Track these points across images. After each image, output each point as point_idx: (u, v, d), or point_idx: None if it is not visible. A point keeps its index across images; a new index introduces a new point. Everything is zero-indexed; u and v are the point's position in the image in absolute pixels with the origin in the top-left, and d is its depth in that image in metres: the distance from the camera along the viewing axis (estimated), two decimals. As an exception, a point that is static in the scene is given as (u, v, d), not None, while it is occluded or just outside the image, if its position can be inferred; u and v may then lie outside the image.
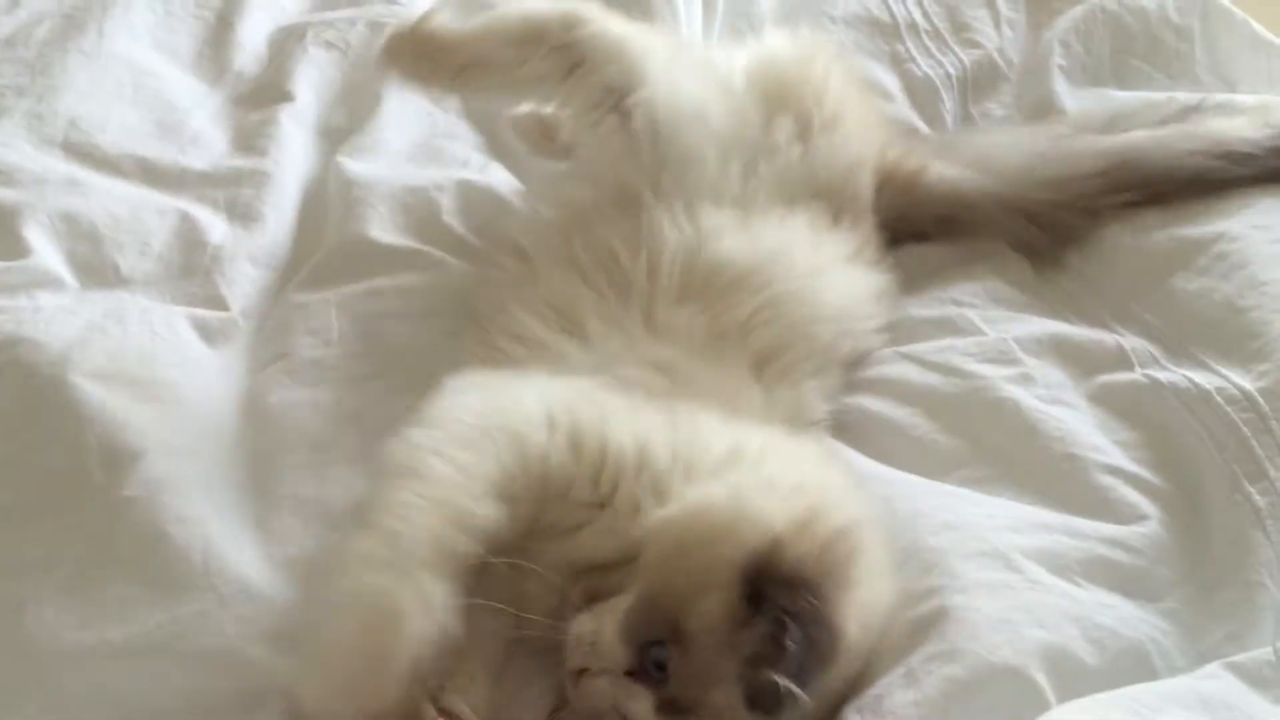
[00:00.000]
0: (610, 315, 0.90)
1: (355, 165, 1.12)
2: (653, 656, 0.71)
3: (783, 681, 0.67)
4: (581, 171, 1.01)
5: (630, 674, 0.72)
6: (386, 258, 1.03)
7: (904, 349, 0.97)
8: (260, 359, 0.97)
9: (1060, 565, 0.77)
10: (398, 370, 0.94)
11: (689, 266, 0.91)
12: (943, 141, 1.13)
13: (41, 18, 1.21)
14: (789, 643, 0.68)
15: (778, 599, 0.69)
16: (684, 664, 0.71)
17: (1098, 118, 1.11)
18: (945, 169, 1.06)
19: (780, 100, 1.00)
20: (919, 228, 1.06)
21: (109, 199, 1.05)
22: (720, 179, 0.95)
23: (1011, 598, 0.73)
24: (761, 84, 1.01)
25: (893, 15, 1.28)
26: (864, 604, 0.73)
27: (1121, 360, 0.93)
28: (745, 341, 0.89)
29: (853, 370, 0.95)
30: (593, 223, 0.96)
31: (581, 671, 0.73)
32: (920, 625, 0.73)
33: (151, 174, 1.09)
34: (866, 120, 1.06)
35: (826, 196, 0.99)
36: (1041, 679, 0.68)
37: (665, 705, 0.71)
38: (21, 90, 1.12)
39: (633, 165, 0.96)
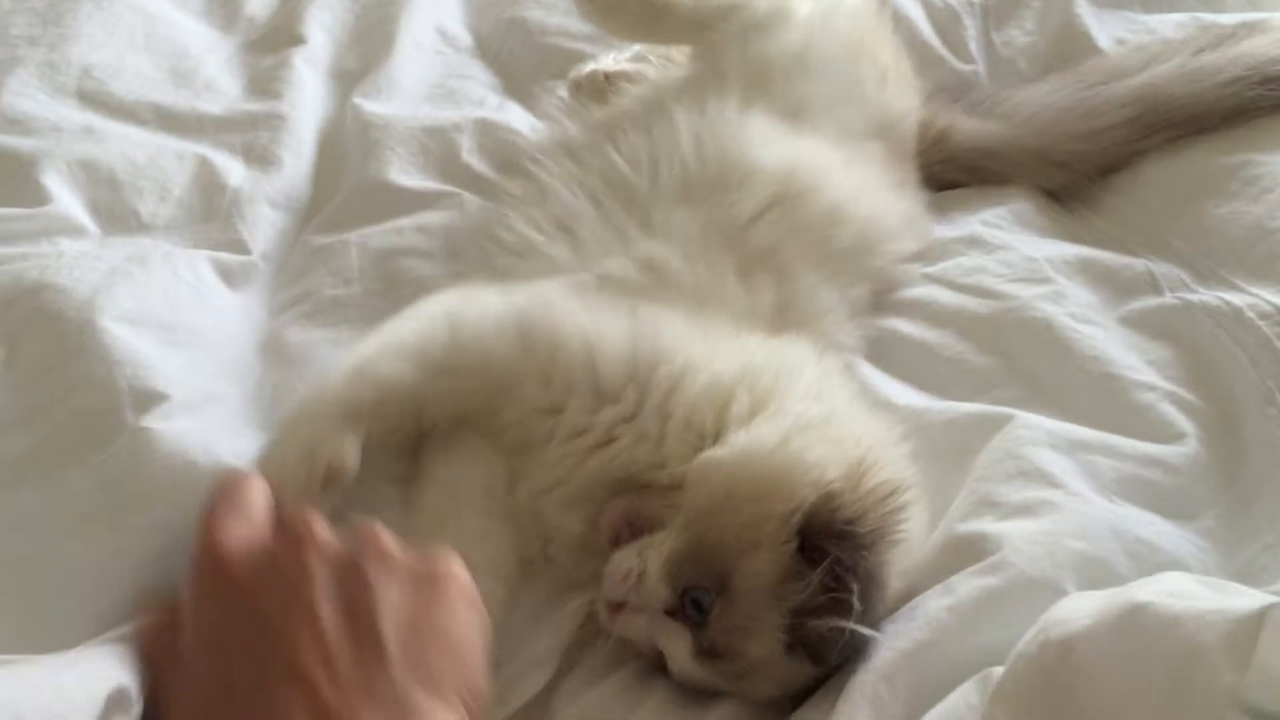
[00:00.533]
0: (607, 220, 0.90)
1: (372, 106, 1.11)
2: (694, 598, 0.71)
3: (849, 626, 0.67)
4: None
5: (669, 613, 0.72)
6: (407, 198, 1.02)
7: (932, 270, 0.96)
8: (280, 301, 0.97)
9: (1099, 485, 0.76)
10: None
11: (703, 166, 0.91)
12: (968, 102, 1.12)
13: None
14: (848, 595, 0.68)
15: (833, 552, 0.69)
16: (727, 612, 0.71)
17: (1133, 61, 1.08)
18: (973, 126, 1.07)
19: (862, 49, 1.02)
20: (949, 183, 1.06)
21: (126, 145, 1.04)
22: (799, 95, 0.97)
23: (1053, 513, 0.73)
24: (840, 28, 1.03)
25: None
26: (904, 554, 0.73)
27: (1151, 285, 0.92)
28: (746, 237, 0.88)
29: (882, 295, 0.94)
30: (606, 140, 0.96)
31: (619, 605, 0.73)
32: (961, 547, 0.73)
33: (168, 120, 1.08)
34: (910, 72, 1.09)
35: (880, 137, 1.00)
36: (1074, 591, 0.68)
37: (703, 648, 0.71)
38: (34, 40, 1.11)
39: (733, 59, 0.98)
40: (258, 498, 0.65)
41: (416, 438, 0.83)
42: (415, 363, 0.80)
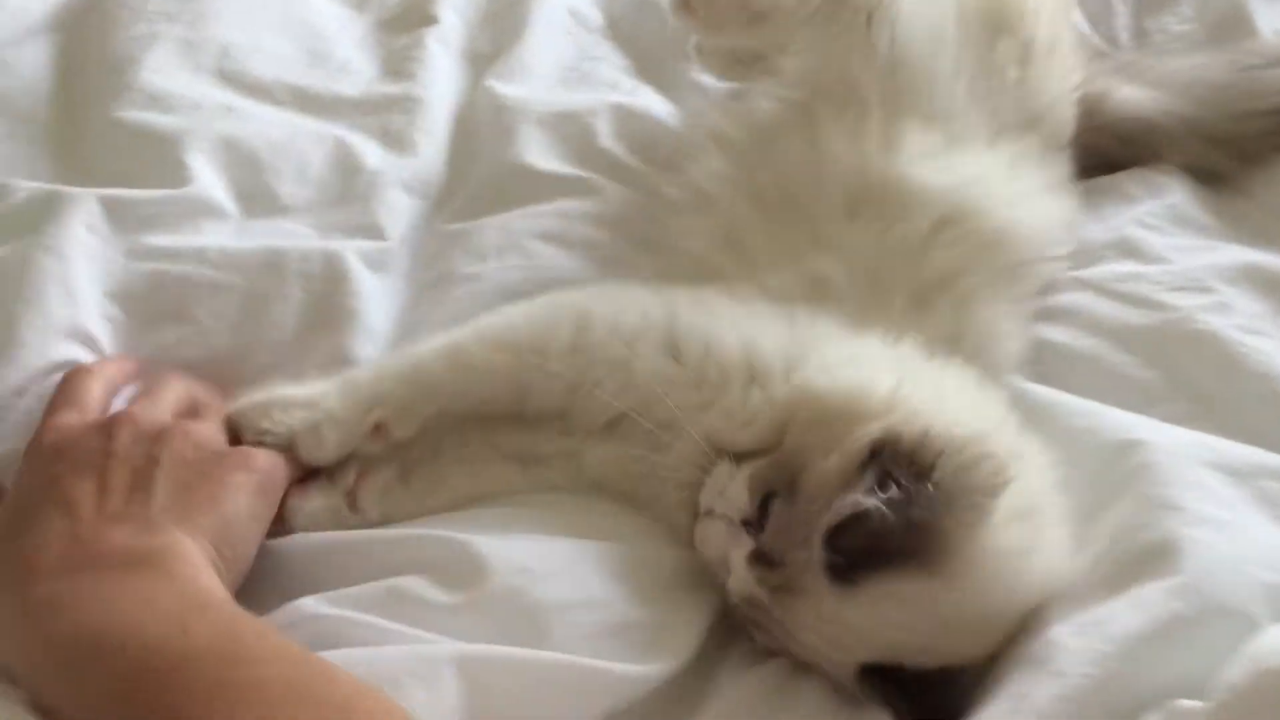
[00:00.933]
0: (776, 232, 0.88)
1: (506, 89, 1.09)
2: (763, 502, 0.72)
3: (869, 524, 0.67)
4: (773, 86, 0.98)
5: (746, 523, 0.72)
6: (545, 183, 1.01)
7: (1083, 275, 0.92)
8: (418, 284, 0.96)
9: (1276, 513, 0.72)
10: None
11: (866, 181, 0.87)
12: (1122, 62, 1.07)
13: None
14: (876, 502, 0.67)
15: (891, 466, 0.68)
16: (784, 515, 0.71)
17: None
18: (1130, 91, 1.01)
19: (1002, 21, 0.96)
20: (1099, 152, 1.00)
21: (265, 125, 1.03)
22: (942, 97, 0.91)
23: (1237, 535, 0.70)
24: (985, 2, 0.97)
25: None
26: (1001, 550, 0.69)
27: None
28: (921, 261, 0.85)
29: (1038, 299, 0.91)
30: (766, 143, 0.93)
31: (707, 513, 0.74)
32: (1144, 556, 0.70)
33: (304, 100, 1.07)
34: (1074, 44, 1.02)
35: (1034, 128, 0.95)
36: (1267, 624, 0.64)
37: (757, 555, 0.71)
38: (171, 17, 1.10)
39: (858, 65, 0.92)
40: (94, 389, 0.78)
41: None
42: (517, 355, 0.80)
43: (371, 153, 1.03)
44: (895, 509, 0.67)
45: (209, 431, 0.77)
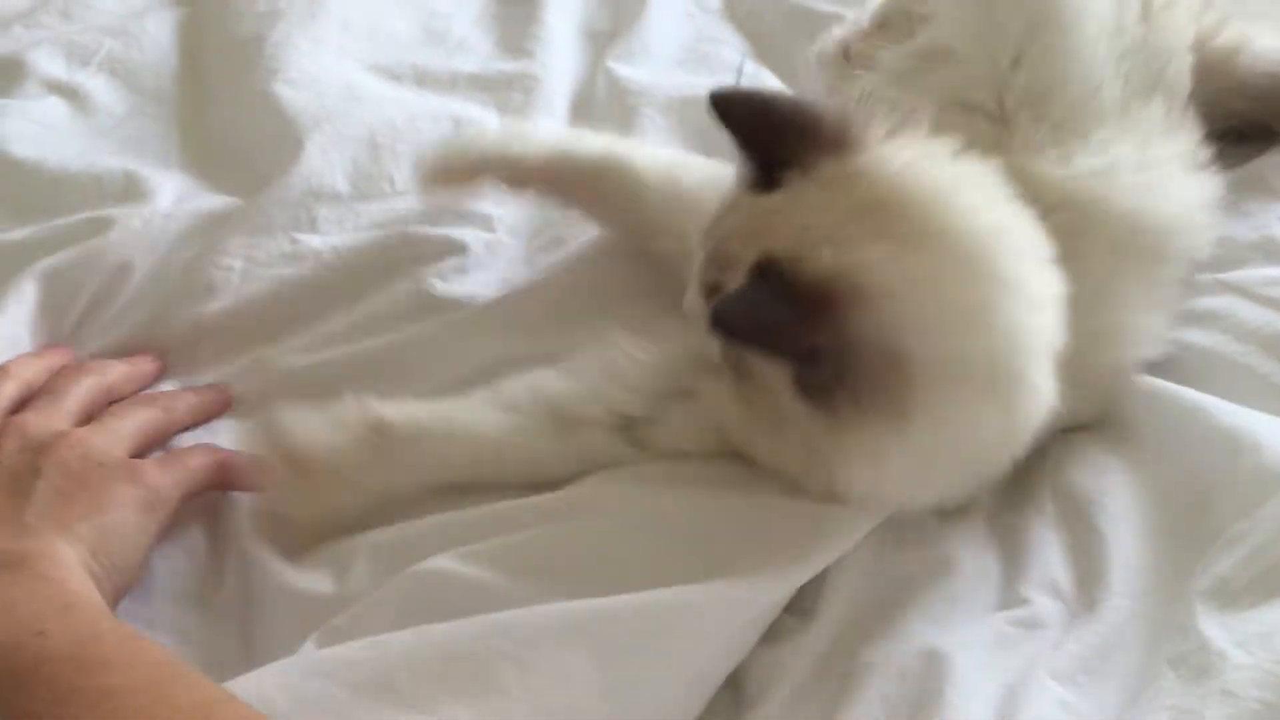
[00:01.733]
0: None
1: (626, 71, 1.08)
2: None
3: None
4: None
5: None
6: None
7: (1226, 277, 0.86)
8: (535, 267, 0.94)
9: None
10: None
11: None
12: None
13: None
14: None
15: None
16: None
17: None
18: (1271, 42, 0.92)
19: None
20: (1230, 115, 0.91)
21: (385, 105, 1.03)
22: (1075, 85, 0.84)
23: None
24: None
25: None
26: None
27: None
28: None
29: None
30: None
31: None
32: None
33: (424, 79, 1.07)
34: None
35: (1158, 89, 0.86)
36: None
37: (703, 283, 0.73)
38: (292, -3, 1.12)
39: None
40: (6, 389, 0.79)
41: None
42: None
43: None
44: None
45: (102, 441, 0.76)
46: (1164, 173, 0.84)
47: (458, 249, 0.91)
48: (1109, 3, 0.86)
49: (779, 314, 0.65)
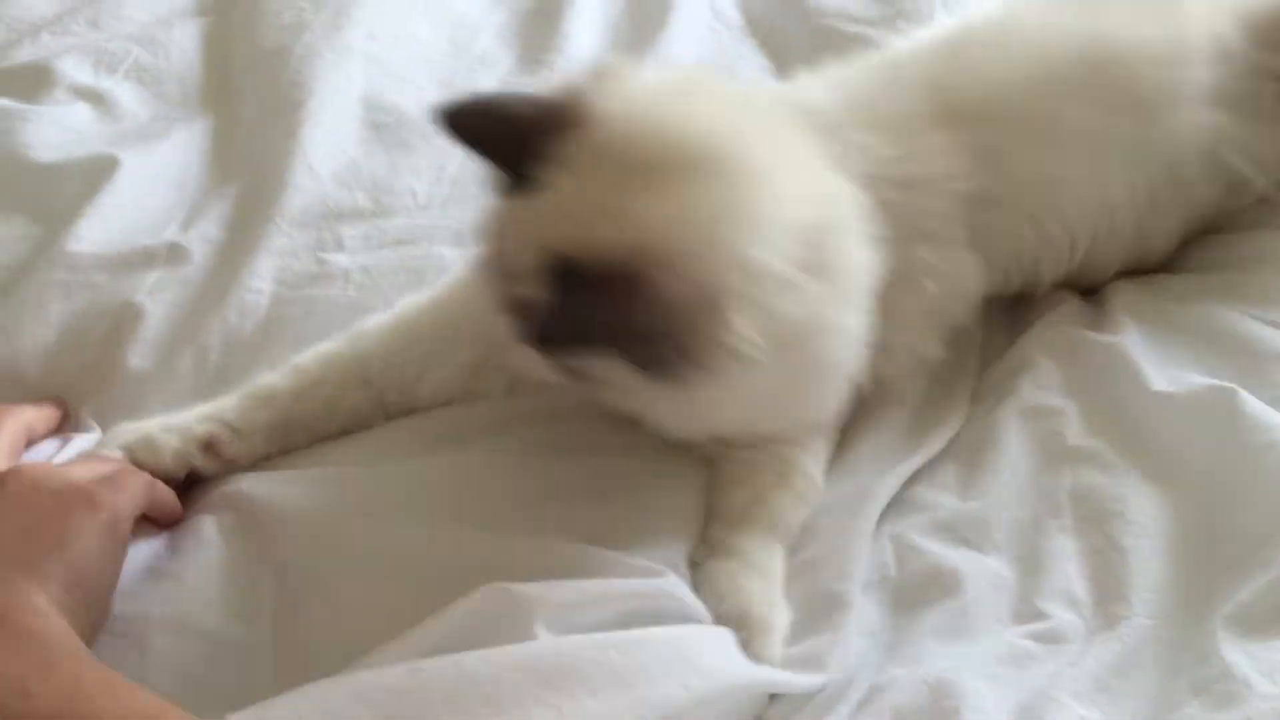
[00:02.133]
0: None
1: (650, 84, 1.08)
2: None
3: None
4: None
5: None
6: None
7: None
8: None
9: None
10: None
11: None
12: None
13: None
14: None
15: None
16: None
17: None
18: None
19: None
20: None
21: (406, 117, 1.04)
22: None
23: None
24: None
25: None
26: None
27: None
28: None
29: None
30: None
31: None
32: None
33: (445, 90, 1.07)
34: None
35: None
36: None
37: None
38: (319, 4, 1.12)
39: None
40: None
41: None
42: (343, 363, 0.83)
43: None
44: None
45: (45, 470, 0.73)
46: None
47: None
48: None
49: (596, 312, 0.66)
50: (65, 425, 0.84)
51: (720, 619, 0.71)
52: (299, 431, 0.80)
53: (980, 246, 0.85)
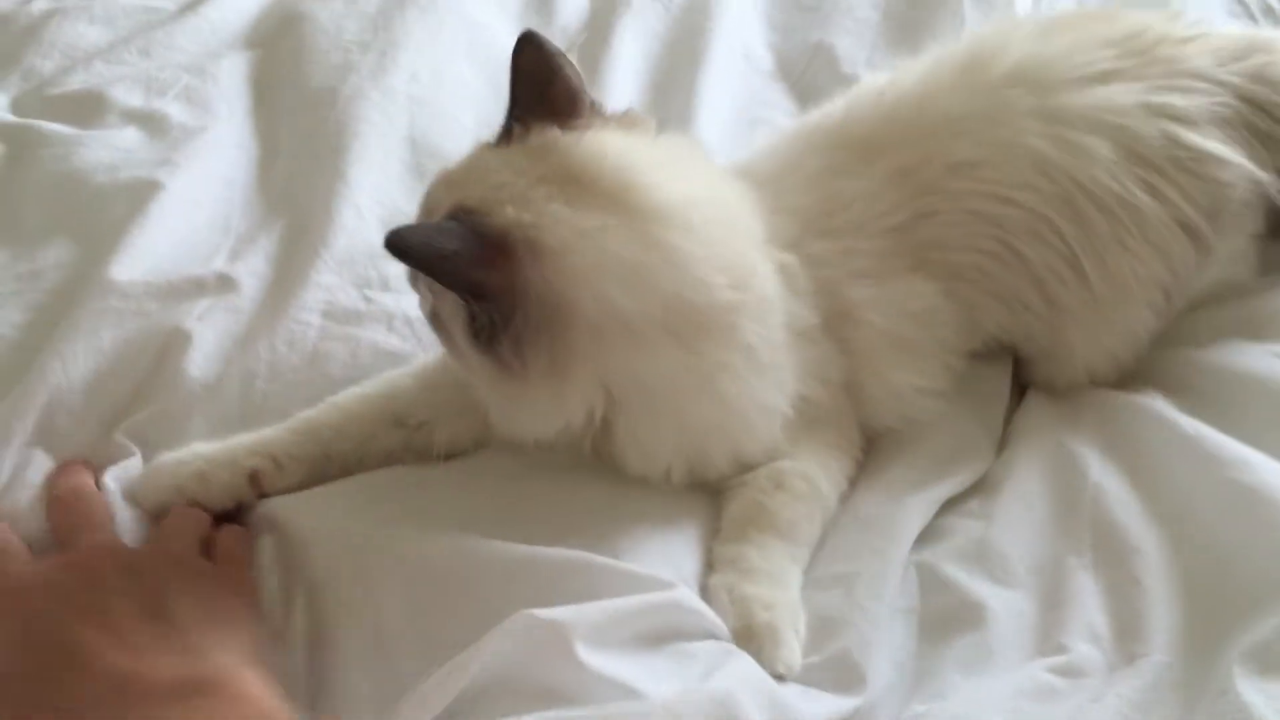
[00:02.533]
0: None
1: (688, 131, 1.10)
2: None
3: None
4: None
5: None
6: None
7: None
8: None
9: None
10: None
11: None
12: None
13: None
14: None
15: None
16: None
17: None
18: None
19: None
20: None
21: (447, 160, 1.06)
22: None
23: None
24: None
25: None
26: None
27: None
28: None
29: None
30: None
31: None
32: None
33: (486, 130, 1.10)
34: None
35: None
36: None
37: None
38: (366, 46, 1.15)
39: None
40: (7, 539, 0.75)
41: None
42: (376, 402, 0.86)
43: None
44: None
45: (179, 549, 0.75)
46: None
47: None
48: None
49: (452, 246, 0.72)
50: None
51: (733, 637, 0.73)
52: (335, 467, 0.84)
53: (933, 270, 0.86)
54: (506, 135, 0.80)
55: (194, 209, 1.02)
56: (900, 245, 0.86)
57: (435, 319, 0.80)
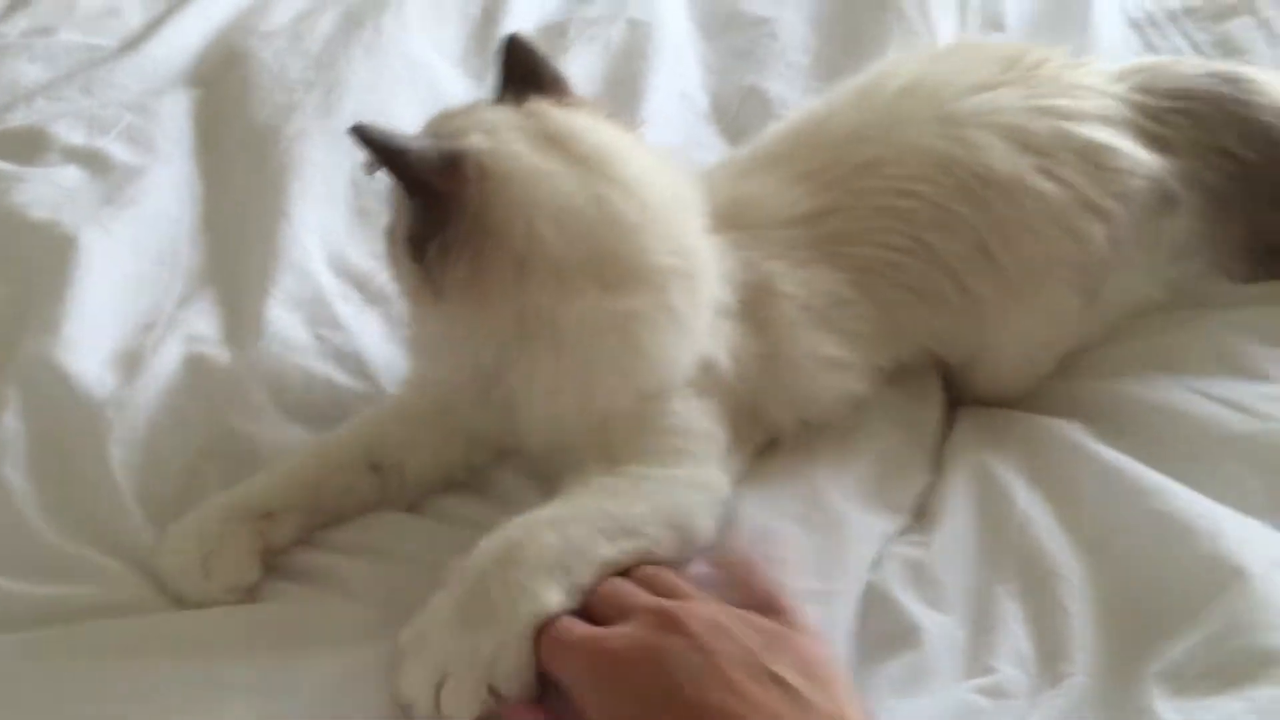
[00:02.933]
0: None
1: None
2: None
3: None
4: None
5: None
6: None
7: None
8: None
9: None
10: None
11: None
12: None
13: (323, 7, 1.26)
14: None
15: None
16: None
17: None
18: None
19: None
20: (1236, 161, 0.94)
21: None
22: None
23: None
24: None
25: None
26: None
27: None
28: None
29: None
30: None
31: None
32: (1263, 659, 0.70)
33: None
34: None
35: None
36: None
37: None
38: (310, 85, 1.17)
39: None
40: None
41: None
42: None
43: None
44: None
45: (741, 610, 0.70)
46: None
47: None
48: None
49: (409, 146, 0.78)
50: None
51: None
52: (322, 517, 0.85)
53: (841, 262, 0.89)
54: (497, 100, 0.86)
55: (139, 250, 1.03)
56: (808, 236, 0.89)
57: (390, 235, 0.84)
